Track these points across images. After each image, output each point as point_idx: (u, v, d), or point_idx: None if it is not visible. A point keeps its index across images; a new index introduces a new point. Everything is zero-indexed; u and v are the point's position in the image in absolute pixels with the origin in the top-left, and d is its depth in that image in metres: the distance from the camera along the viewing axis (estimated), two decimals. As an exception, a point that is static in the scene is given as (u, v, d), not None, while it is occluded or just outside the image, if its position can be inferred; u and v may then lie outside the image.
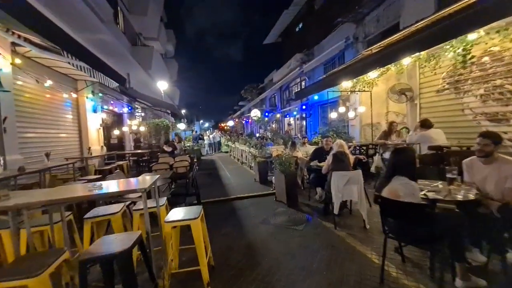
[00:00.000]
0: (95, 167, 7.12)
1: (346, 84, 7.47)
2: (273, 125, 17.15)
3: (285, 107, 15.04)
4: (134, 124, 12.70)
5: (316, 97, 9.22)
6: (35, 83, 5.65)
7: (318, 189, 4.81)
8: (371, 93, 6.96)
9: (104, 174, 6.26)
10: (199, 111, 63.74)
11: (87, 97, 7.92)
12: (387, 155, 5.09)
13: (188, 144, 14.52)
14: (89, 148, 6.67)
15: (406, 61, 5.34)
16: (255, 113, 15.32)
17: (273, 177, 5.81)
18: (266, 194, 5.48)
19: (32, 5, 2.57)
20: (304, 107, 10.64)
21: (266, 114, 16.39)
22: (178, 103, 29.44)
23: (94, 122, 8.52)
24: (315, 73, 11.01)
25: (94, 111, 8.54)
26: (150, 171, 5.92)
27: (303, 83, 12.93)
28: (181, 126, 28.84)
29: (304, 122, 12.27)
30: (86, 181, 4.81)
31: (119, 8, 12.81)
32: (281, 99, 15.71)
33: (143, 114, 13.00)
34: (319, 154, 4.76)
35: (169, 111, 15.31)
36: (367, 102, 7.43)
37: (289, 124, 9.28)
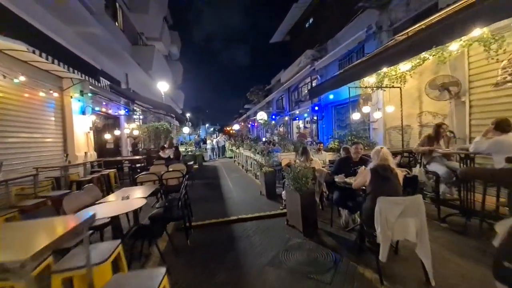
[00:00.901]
0: (79, 177, 6.19)
1: (367, 80, 6.34)
2: (281, 129, 16.05)
3: (293, 109, 13.94)
4: (132, 128, 11.88)
5: (331, 96, 8.12)
6: (5, 79, 4.78)
7: (344, 212, 3.68)
8: (401, 90, 5.80)
9: (82, 185, 5.31)
10: (205, 115, 63.19)
11: (71, 97, 7.04)
12: (433, 167, 3.91)
13: (190, 149, 13.58)
14: (67, 155, 5.74)
15: (453, 46, 4.19)
16: (261, 115, 14.28)
17: (283, 192, 4.72)
18: (275, 214, 4.37)
19: None
20: (316, 108, 9.53)
21: (273, 117, 15.33)
22: (183, 106, 28.83)
23: (83, 125, 7.64)
24: (328, 71, 9.90)
25: (83, 112, 7.66)
26: (135, 183, 4.92)
27: (314, 83, 11.81)
28: (186, 130, 28.12)
29: (315, 126, 11.12)
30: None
31: (117, 4, 12.12)
32: (289, 100, 14.64)
33: (141, 117, 12.16)
34: (345, 166, 3.64)
35: (173, 115, 14.46)
36: (393, 101, 6.26)
37: (305, 127, 8.21)
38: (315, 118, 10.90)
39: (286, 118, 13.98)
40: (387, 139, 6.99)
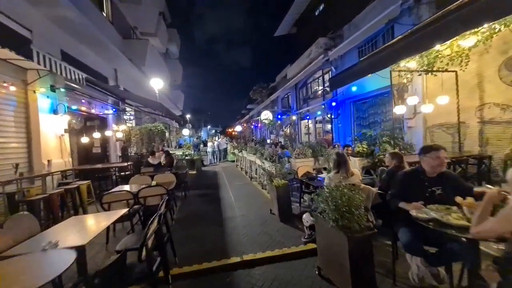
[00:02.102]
0: (42, 192, 4.87)
1: (404, 66, 4.95)
2: (287, 129, 14.67)
3: (302, 108, 12.56)
4: (122, 130, 10.60)
5: (354, 89, 6.75)
6: None
7: (416, 261, 2.27)
8: (456, 76, 4.40)
9: (35, 206, 3.98)
10: (206, 116, 62.07)
11: (35, 92, 5.74)
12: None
13: (188, 152, 12.25)
14: (16, 165, 4.42)
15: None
16: (266, 115, 12.95)
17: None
18: (297, 253, 2.98)
19: None
20: (334, 103, 8.13)
21: (279, 116, 13.96)
22: (182, 108, 27.62)
23: (54, 126, 6.35)
24: (344, 61, 8.52)
25: (54, 111, 6.37)
26: (101, 205, 3.56)
27: (326, 76, 10.41)
28: (186, 131, 26.88)
29: (329, 126, 9.69)
30: None
31: (104, -8, 10.89)
32: (296, 98, 13.28)
33: (132, 117, 10.87)
34: (413, 184, 2.25)
35: (163, 114, 13.16)
36: (437, 91, 4.85)
37: (327, 131, 6.88)
38: (329, 116, 9.54)
39: (294, 117, 12.60)
40: (428, 140, 5.57)
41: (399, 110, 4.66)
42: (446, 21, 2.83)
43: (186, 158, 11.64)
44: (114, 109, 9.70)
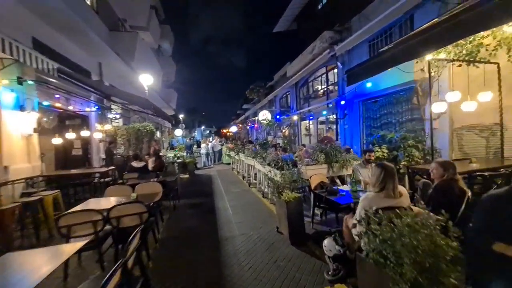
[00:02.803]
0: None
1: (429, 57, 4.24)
2: (285, 130, 13.92)
3: (302, 108, 11.82)
4: (106, 130, 9.64)
5: (368, 85, 6.03)
6: None
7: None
8: (499, 69, 3.71)
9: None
10: (201, 117, 60.84)
11: (-8, 83, 4.79)
12: None
13: (180, 154, 11.34)
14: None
15: None
16: (265, 115, 12.18)
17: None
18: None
19: None
20: (343, 102, 7.36)
21: (278, 116, 13.20)
22: (175, 107, 26.59)
23: (20, 125, 5.40)
24: (352, 56, 7.82)
25: (21, 107, 5.42)
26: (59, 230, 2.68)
27: (330, 74, 9.70)
28: (178, 132, 25.84)
29: (334, 126, 8.94)
30: None
31: (88, -22, 9.90)
32: (296, 98, 12.53)
33: (118, 116, 9.90)
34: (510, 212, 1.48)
35: (150, 112, 12.23)
36: (466, 88, 4.15)
37: (329, 128, 6.15)
38: (333, 117, 8.81)
39: (295, 117, 11.84)
40: (455, 145, 4.89)
41: (437, 107, 3.90)
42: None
43: (178, 161, 10.73)
44: (97, 107, 8.72)
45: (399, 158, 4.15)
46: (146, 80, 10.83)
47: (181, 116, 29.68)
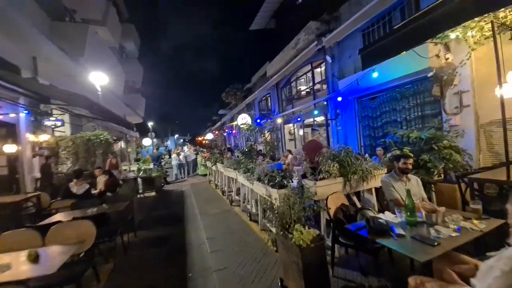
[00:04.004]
0: None
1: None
2: (267, 135, 12.74)
3: (286, 110, 10.76)
4: (43, 141, 7.55)
5: (374, 75, 5.06)
6: None
7: None
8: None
9: None
10: (175, 125, 57.55)
11: None
12: None
13: (146, 167, 9.47)
14: None
15: None
16: (244, 119, 10.90)
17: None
18: None
19: None
20: (339, 98, 6.32)
21: (258, 121, 11.98)
22: (143, 114, 24.17)
23: None
24: (343, 48, 6.93)
25: None
26: None
27: (319, 69, 8.71)
28: (147, 141, 23.37)
29: (322, 128, 7.90)
30: None
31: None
32: (278, 100, 11.47)
33: (60, 123, 7.85)
34: None
35: (90, 114, 10.26)
36: (489, 79, 3.31)
37: (314, 129, 5.11)
38: (321, 119, 7.80)
39: (279, 120, 10.67)
40: (483, 144, 4.04)
41: (456, 100, 2.84)
42: None
43: (142, 176, 8.89)
44: (27, 112, 6.67)
45: (435, 165, 3.12)
46: (99, 79, 8.95)
47: (150, 124, 27.09)
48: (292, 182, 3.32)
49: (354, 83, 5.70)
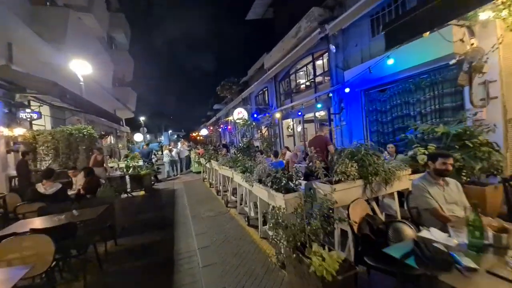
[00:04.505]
0: None
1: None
2: (265, 131, 12.21)
3: (285, 104, 10.19)
4: (17, 135, 6.84)
5: (389, 62, 4.53)
6: None
7: None
8: None
9: None
10: (168, 120, 56.33)
11: None
12: None
13: (135, 164, 8.80)
14: None
15: None
16: (240, 113, 10.30)
17: None
18: None
19: None
20: (347, 89, 5.79)
21: (255, 115, 11.40)
22: (134, 109, 23.26)
23: None
24: (349, 36, 6.38)
25: None
26: None
27: (321, 62, 8.15)
28: (138, 137, 22.51)
29: (330, 123, 7.32)
30: None
31: None
32: (276, 93, 10.89)
33: (36, 116, 7.09)
34: None
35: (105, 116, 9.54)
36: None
37: (323, 124, 4.60)
38: (323, 114, 7.29)
39: (278, 115, 10.09)
40: (511, 139, 3.58)
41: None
42: None
43: (130, 174, 8.24)
44: (-4, 102, 5.94)
45: (470, 164, 2.63)
46: (81, 68, 8.21)
47: (142, 119, 26.14)
48: (301, 185, 2.78)
49: (365, 72, 5.16)
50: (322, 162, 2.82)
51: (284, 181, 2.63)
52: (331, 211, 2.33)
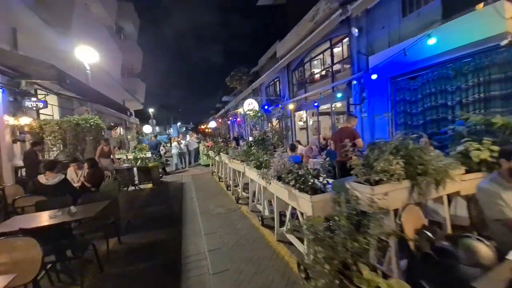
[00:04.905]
0: None
1: None
2: (276, 124, 11.73)
3: (298, 95, 9.62)
4: (23, 125, 6.69)
5: (431, 42, 3.91)
6: None
7: None
8: None
9: None
10: (178, 113, 56.51)
11: None
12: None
13: (142, 156, 8.56)
14: None
15: None
16: (251, 104, 9.85)
17: None
18: None
19: None
20: (375, 76, 5.20)
21: (266, 107, 10.91)
22: (144, 100, 23.20)
23: None
24: (375, 18, 5.72)
25: None
26: None
27: (339, 49, 7.50)
28: (147, 128, 22.47)
29: (356, 113, 6.72)
30: None
31: None
32: (289, 84, 10.31)
33: (41, 105, 6.88)
34: None
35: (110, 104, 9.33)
36: None
37: (350, 114, 4.09)
38: (340, 105, 6.68)
39: (291, 106, 9.51)
40: None
41: None
42: None
43: (138, 166, 8.02)
44: (1, 89, 5.72)
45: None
46: (88, 56, 7.92)
47: (151, 111, 26.09)
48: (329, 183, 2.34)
49: (395, 56, 4.54)
50: (345, 157, 2.39)
51: (311, 180, 2.20)
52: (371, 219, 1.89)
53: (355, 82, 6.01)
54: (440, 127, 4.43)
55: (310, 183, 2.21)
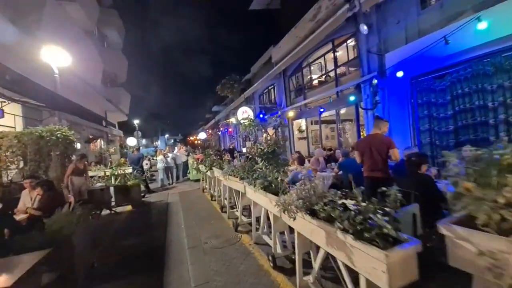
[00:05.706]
0: None
1: None
2: (271, 133, 10.90)
3: (296, 102, 8.86)
4: (-32, 138, 5.43)
5: (481, 26, 3.23)
6: None
7: None
8: None
9: None
10: (165, 124, 55.04)
11: None
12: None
13: (120, 173, 7.35)
14: None
15: None
16: (245, 112, 9.00)
17: None
18: None
19: None
20: (400, 73, 4.45)
21: (261, 116, 10.07)
22: (128, 112, 21.89)
23: None
24: (387, 14, 5.13)
25: None
26: None
27: (345, 48, 6.76)
28: (132, 141, 21.02)
29: (357, 123, 5.93)
30: None
31: None
32: (285, 90, 9.58)
33: (-6, 113, 5.69)
34: None
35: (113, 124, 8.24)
36: None
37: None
38: (347, 110, 5.92)
39: (291, 113, 8.68)
40: None
41: None
42: None
43: (114, 185, 6.83)
44: None
45: None
46: (56, 56, 6.84)
47: (136, 123, 24.68)
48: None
49: (440, 42, 3.70)
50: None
51: (383, 223, 1.29)
52: None
53: (370, 83, 5.29)
54: (479, 134, 3.70)
55: (375, 229, 1.29)
